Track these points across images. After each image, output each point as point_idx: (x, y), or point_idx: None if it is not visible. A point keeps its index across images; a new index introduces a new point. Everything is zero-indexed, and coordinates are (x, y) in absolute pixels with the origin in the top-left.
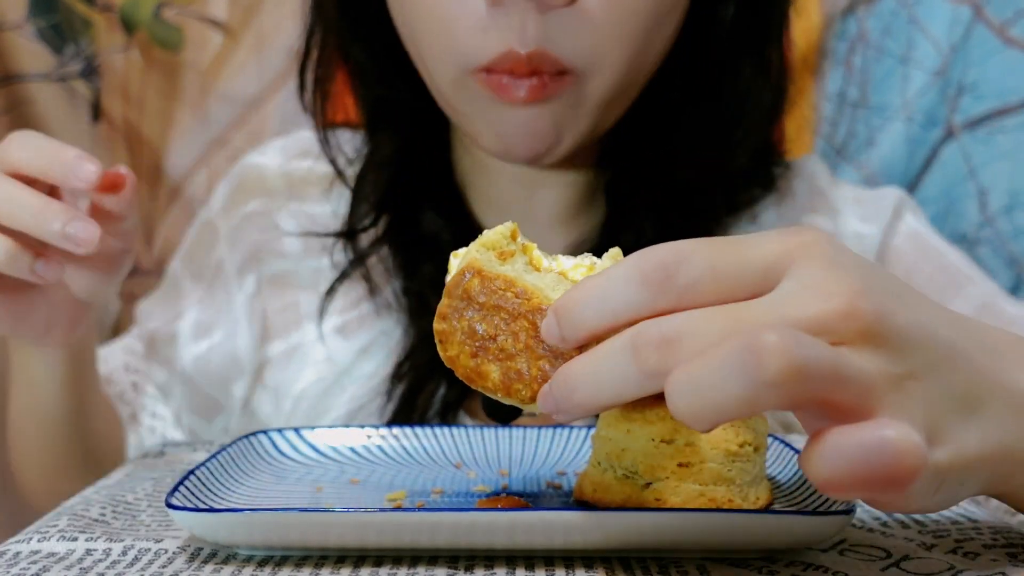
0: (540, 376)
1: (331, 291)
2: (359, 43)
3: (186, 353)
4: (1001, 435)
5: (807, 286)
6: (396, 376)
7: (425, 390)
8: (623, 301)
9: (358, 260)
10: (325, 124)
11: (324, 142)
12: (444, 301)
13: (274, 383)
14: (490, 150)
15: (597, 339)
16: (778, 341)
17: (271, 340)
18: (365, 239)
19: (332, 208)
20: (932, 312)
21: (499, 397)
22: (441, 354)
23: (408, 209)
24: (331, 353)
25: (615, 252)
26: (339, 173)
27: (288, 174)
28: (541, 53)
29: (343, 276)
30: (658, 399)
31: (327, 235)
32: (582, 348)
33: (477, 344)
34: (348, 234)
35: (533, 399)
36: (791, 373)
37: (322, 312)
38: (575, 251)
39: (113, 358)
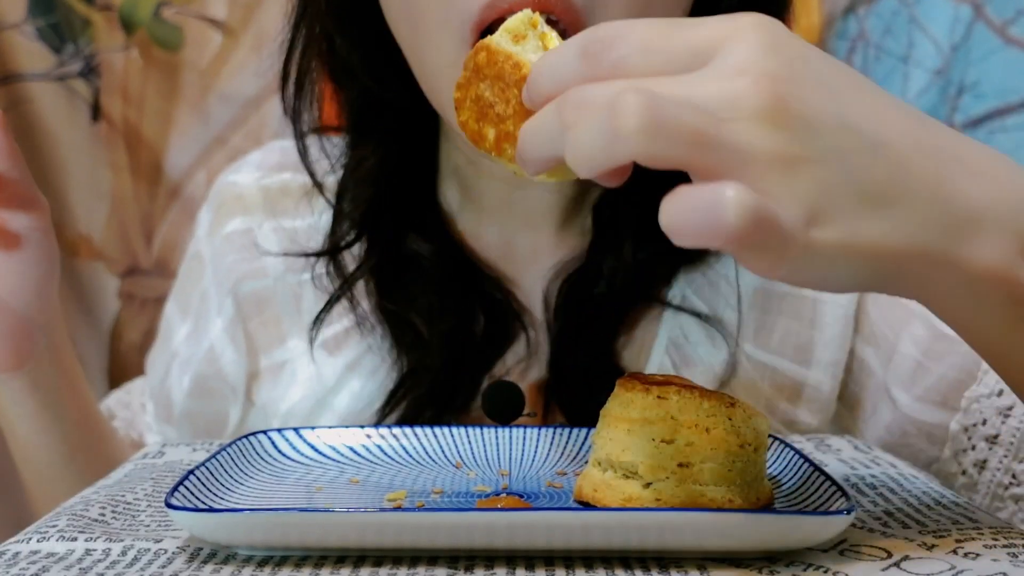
0: None
1: (318, 320)
2: (347, 35)
3: (178, 394)
4: (919, 235)
5: (728, 64)
6: (387, 406)
7: (421, 418)
8: (566, 71)
9: (344, 286)
10: (303, 131)
11: (302, 151)
12: (462, 73)
13: (261, 402)
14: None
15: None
16: (636, 99)
17: (256, 356)
18: (348, 256)
19: (313, 221)
20: (871, 103)
21: (493, 157)
22: (456, 119)
23: (391, 229)
24: (317, 370)
25: None
26: (317, 185)
27: (265, 189)
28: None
29: (330, 304)
30: (658, 399)
31: (307, 255)
32: None
33: (480, 110)
34: (330, 252)
35: None
36: (644, 129)
37: (312, 341)
38: (562, 270)
39: (112, 407)
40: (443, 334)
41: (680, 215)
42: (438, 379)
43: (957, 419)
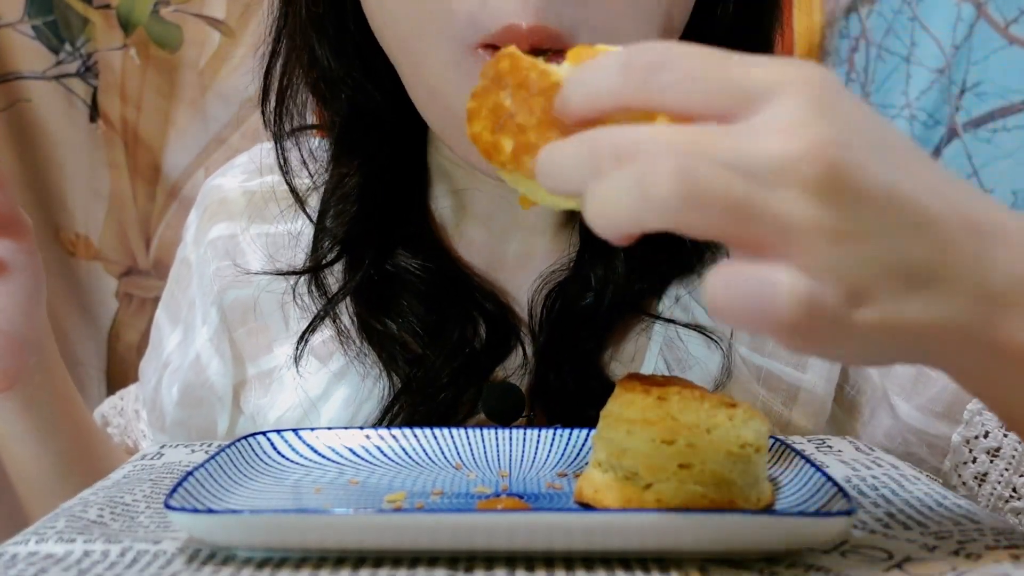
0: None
1: (302, 339)
2: (329, 47)
3: (168, 403)
4: (959, 316)
5: (778, 122)
6: (382, 422)
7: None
8: (604, 86)
9: (328, 306)
10: (284, 146)
11: (282, 163)
12: (479, 83)
13: (250, 411)
14: (474, 158)
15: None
16: (673, 165)
17: (242, 365)
18: (330, 271)
19: (299, 226)
20: (919, 176)
21: (507, 172)
22: (468, 131)
23: (376, 246)
24: (305, 377)
25: None
26: (299, 202)
27: (250, 193)
28: (542, 28)
29: (313, 324)
30: (658, 400)
31: (287, 273)
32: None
33: (498, 120)
34: (311, 271)
35: None
36: (679, 198)
37: (297, 360)
38: (548, 279)
39: (106, 414)
40: (439, 350)
41: (730, 300)
42: (435, 395)
43: (959, 431)
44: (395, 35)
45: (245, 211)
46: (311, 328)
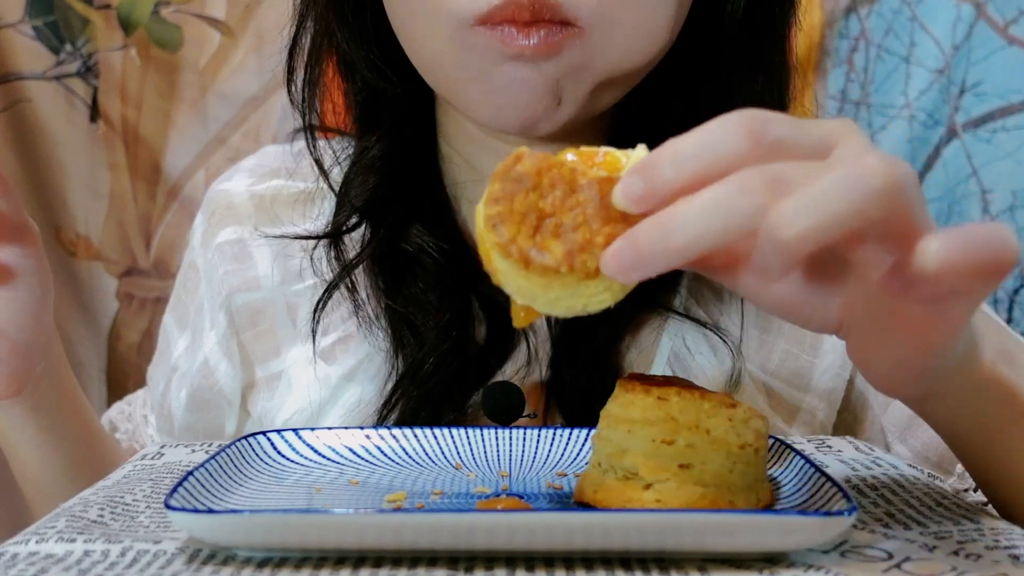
0: (606, 243)
1: (321, 302)
2: (347, 27)
3: (177, 408)
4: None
5: (863, 154)
6: (386, 405)
7: (419, 420)
8: (727, 149)
9: (344, 272)
10: (311, 122)
11: (310, 138)
12: (496, 186)
13: (257, 413)
14: (481, 116)
15: (675, 197)
16: (881, 160)
17: (251, 368)
18: (350, 246)
19: (309, 227)
20: None
21: (557, 277)
22: (492, 240)
23: (394, 220)
24: (314, 379)
25: (642, 147)
26: (323, 172)
27: (257, 196)
28: (542, 1)
29: (331, 287)
30: (658, 400)
31: (311, 237)
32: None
33: (534, 223)
34: (332, 235)
35: (598, 271)
36: (894, 184)
37: (314, 330)
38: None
39: (114, 420)
40: (440, 330)
41: (965, 251)
42: (436, 378)
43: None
44: (402, 15)
45: (253, 215)
46: (328, 293)
